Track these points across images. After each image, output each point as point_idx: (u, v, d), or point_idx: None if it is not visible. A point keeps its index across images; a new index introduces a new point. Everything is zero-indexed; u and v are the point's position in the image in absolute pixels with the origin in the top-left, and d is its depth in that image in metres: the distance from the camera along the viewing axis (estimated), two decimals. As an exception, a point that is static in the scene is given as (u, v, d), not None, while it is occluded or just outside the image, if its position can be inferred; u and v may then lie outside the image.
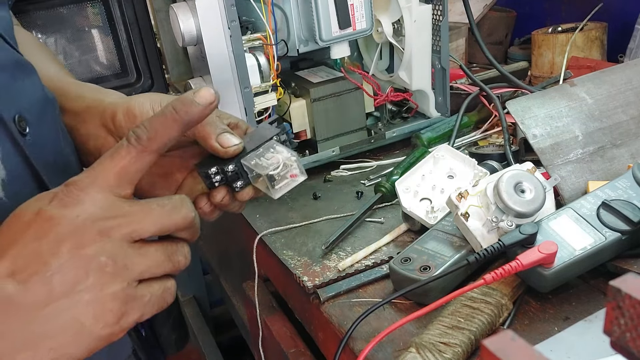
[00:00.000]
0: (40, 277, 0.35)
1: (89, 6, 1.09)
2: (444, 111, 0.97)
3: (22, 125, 0.46)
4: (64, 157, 0.51)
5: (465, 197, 0.61)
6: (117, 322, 0.37)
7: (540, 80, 1.15)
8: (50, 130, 0.50)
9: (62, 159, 0.51)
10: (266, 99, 0.85)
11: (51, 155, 0.49)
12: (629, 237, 0.55)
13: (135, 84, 1.15)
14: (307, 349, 0.77)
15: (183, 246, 0.41)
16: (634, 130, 0.71)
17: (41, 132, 0.48)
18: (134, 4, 1.08)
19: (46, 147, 0.49)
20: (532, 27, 1.27)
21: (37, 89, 0.51)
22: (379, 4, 0.89)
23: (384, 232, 0.73)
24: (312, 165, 0.91)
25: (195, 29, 0.79)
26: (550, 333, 0.53)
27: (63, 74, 0.61)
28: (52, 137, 0.50)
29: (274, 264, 0.75)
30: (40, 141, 0.48)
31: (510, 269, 0.52)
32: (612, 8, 1.21)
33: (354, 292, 0.64)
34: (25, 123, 0.46)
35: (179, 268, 0.41)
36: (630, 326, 0.24)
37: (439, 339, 0.51)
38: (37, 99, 0.50)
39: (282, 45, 0.87)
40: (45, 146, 0.49)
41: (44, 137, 0.49)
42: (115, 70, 1.14)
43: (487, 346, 0.24)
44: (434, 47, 0.93)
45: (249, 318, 0.91)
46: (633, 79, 0.73)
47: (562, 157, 0.69)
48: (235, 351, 1.66)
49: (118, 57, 1.13)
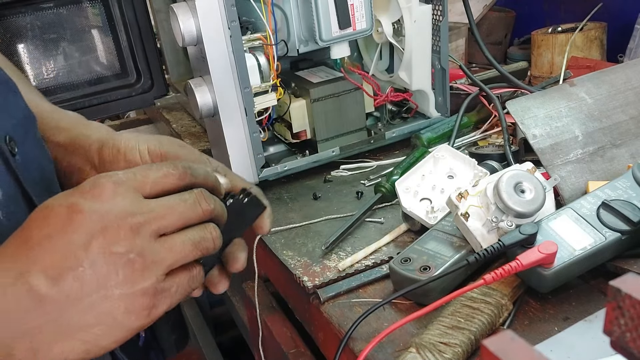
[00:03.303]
0: (72, 273, 0.36)
1: (89, 6, 1.09)
2: (444, 111, 0.97)
3: (12, 146, 0.47)
4: (47, 175, 0.52)
5: (465, 197, 0.61)
6: (147, 315, 0.39)
7: (540, 81, 1.15)
8: (34, 148, 0.51)
9: (46, 176, 0.51)
10: (266, 99, 0.85)
11: (37, 173, 0.50)
12: (629, 237, 0.55)
13: (135, 84, 1.15)
14: (307, 349, 0.77)
15: (210, 231, 0.42)
16: (634, 130, 0.71)
17: (27, 151, 0.49)
18: (134, 4, 1.08)
19: (32, 166, 0.49)
20: (531, 27, 1.27)
21: (20, 107, 0.51)
22: (379, 4, 0.89)
23: (384, 232, 0.73)
24: (312, 165, 0.91)
25: (195, 29, 0.79)
26: (550, 333, 0.53)
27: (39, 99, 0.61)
28: (36, 155, 0.51)
29: (274, 264, 0.75)
30: (26, 160, 0.48)
31: (510, 269, 0.52)
32: (612, 8, 1.21)
33: (354, 292, 0.64)
34: (14, 143, 0.47)
35: (209, 252, 0.42)
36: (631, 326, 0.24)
37: (439, 339, 0.51)
38: (22, 118, 0.50)
39: (282, 45, 0.87)
40: (31, 165, 0.49)
41: (29, 155, 0.49)
42: (115, 70, 1.14)
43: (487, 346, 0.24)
44: (434, 47, 0.93)
45: (249, 318, 0.91)
46: (633, 79, 0.73)
47: (562, 157, 0.69)
48: (235, 351, 1.66)
49: (118, 57, 1.13)
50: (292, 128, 0.91)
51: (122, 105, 1.17)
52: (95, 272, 0.37)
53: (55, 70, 1.11)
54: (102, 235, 0.37)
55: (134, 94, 1.15)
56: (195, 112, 0.84)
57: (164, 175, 0.41)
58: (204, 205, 0.41)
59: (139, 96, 1.16)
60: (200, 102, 0.82)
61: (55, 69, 1.11)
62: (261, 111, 0.86)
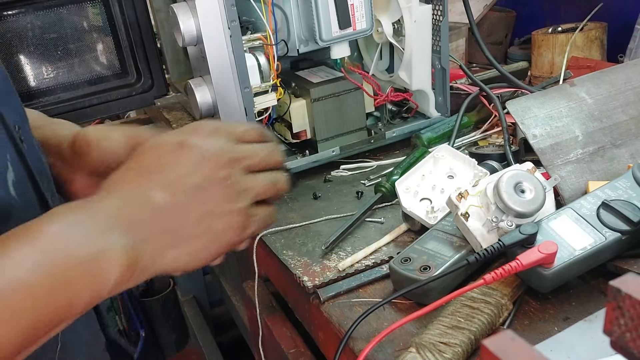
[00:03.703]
0: (184, 192, 0.44)
1: (89, 6, 1.09)
2: (444, 111, 0.97)
3: (20, 134, 0.52)
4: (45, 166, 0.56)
5: (465, 197, 0.61)
6: (240, 233, 0.47)
7: (540, 81, 1.15)
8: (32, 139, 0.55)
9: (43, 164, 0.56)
10: (266, 99, 0.85)
11: (39, 163, 0.55)
12: (629, 237, 0.55)
13: (135, 84, 1.15)
14: (307, 349, 0.77)
15: (283, 175, 0.51)
16: (634, 130, 0.71)
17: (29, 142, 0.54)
18: (134, 4, 1.08)
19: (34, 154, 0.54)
20: (531, 27, 1.27)
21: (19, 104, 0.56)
22: (379, 4, 0.89)
23: (384, 232, 0.73)
24: (312, 165, 0.91)
25: (195, 29, 0.79)
26: (550, 333, 0.53)
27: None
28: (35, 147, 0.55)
29: (274, 264, 0.75)
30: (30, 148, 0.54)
31: (510, 269, 0.52)
32: (612, 8, 1.21)
33: (354, 292, 0.64)
34: (22, 132, 0.52)
35: (282, 192, 0.51)
36: (630, 326, 0.24)
37: (439, 339, 0.51)
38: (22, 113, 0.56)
39: (282, 45, 0.87)
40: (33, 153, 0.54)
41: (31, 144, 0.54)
42: (115, 70, 1.14)
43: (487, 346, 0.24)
44: (434, 47, 0.93)
45: (249, 318, 0.91)
46: (633, 79, 0.73)
47: (562, 157, 0.69)
48: (235, 351, 1.66)
49: (118, 57, 1.13)
50: (292, 128, 0.91)
51: (122, 105, 1.17)
52: (203, 192, 0.45)
53: (55, 70, 1.10)
54: (206, 164, 0.45)
55: (134, 94, 1.15)
56: (195, 112, 0.84)
57: (248, 129, 0.50)
58: (277, 155, 0.51)
59: (139, 96, 1.16)
60: (200, 102, 0.82)
61: (55, 69, 1.10)
62: (261, 111, 0.86)
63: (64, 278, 0.38)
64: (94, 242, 0.40)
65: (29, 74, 1.09)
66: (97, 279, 0.40)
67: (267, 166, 0.50)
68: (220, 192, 0.45)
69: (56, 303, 0.38)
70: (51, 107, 1.09)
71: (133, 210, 0.43)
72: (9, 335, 0.36)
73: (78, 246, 0.39)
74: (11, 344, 0.37)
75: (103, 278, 0.40)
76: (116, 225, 0.41)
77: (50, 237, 0.39)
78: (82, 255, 0.39)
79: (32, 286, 0.37)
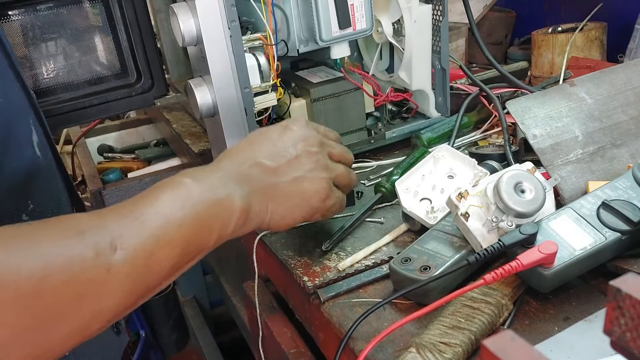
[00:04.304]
0: (285, 158, 0.57)
1: (89, 6, 1.09)
2: (444, 111, 0.97)
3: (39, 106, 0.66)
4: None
5: (465, 197, 0.61)
6: (324, 200, 0.59)
7: (540, 81, 1.15)
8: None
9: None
10: (266, 99, 0.85)
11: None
12: (629, 237, 0.55)
13: (135, 84, 1.15)
14: (307, 349, 0.77)
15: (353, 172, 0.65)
16: (634, 130, 0.71)
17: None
18: (134, 4, 1.08)
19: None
20: (531, 27, 1.27)
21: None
22: (379, 4, 0.89)
23: (384, 232, 0.73)
24: (312, 165, 0.91)
25: (195, 29, 0.79)
26: (550, 333, 0.53)
27: None
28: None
29: (274, 264, 0.75)
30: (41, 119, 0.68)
31: (510, 269, 0.52)
32: (612, 8, 1.21)
33: (354, 292, 0.64)
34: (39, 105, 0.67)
35: (354, 183, 0.65)
36: (631, 326, 0.24)
37: (439, 339, 0.51)
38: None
39: (282, 45, 0.87)
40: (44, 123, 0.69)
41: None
42: (115, 70, 1.14)
43: (488, 346, 0.24)
44: (434, 47, 0.93)
45: (249, 318, 0.91)
46: (633, 79, 0.73)
47: (562, 157, 0.69)
48: (235, 351, 1.66)
49: (118, 57, 1.13)
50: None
51: (123, 105, 1.16)
52: (299, 161, 0.58)
53: (55, 70, 1.10)
54: (303, 142, 0.59)
55: (134, 94, 1.15)
56: (195, 112, 0.84)
57: (330, 131, 0.65)
58: (350, 155, 0.65)
59: (139, 96, 1.15)
60: (200, 102, 0.82)
61: (55, 69, 1.10)
62: (261, 111, 0.86)
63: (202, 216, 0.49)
64: (220, 190, 0.51)
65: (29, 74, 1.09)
66: (224, 219, 0.51)
67: (342, 159, 0.63)
68: (312, 162, 0.58)
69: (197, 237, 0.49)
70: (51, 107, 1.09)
71: (245, 169, 0.55)
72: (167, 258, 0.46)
73: (210, 191, 0.50)
74: (168, 266, 0.47)
75: (227, 219, 0.51)
76: (233, 179, 0.53)
77: (188, 187, 0.49)
78: (213, 199, 0.50)
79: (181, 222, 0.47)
